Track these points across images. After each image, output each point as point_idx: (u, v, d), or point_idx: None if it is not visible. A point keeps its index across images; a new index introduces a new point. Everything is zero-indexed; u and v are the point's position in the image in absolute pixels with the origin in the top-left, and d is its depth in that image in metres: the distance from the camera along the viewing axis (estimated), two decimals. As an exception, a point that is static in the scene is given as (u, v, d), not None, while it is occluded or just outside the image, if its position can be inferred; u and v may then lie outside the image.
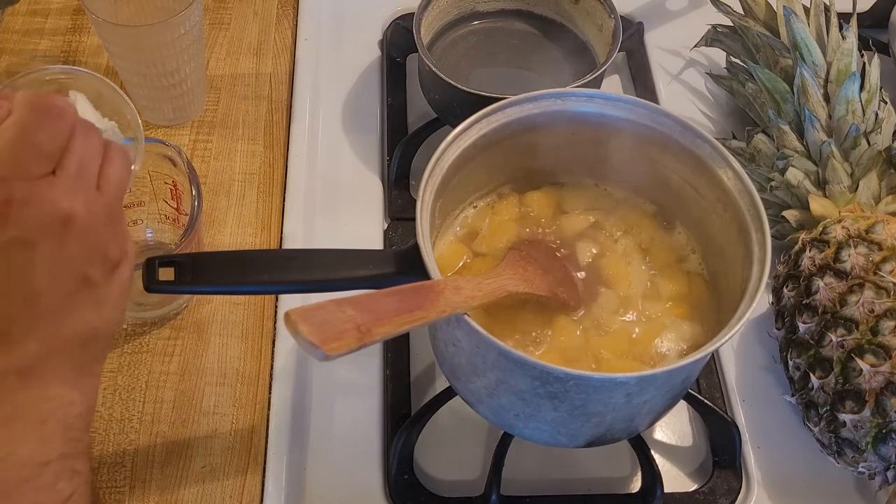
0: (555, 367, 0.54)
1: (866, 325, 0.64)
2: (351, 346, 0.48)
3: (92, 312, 0.49)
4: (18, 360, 0.47)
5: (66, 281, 0.48)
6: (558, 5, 0.90)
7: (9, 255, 0.47)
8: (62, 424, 0.48)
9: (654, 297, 0.67)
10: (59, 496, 0.46)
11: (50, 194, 0.47)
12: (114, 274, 0.51)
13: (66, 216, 0.47)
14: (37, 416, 0.47)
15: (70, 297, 0.48)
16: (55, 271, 0.47)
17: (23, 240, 0.47)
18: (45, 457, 0.46)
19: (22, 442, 0.46)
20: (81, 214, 0.48)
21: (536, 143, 0.68)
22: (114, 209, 0.51)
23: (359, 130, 0.90)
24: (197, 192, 0.70)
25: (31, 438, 0.46)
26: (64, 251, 0.47)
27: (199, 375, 0.73)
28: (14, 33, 0.96)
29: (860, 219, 0.70)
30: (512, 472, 0.68)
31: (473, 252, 0.69)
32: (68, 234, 0.48)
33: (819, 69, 0.79)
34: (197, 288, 0.61)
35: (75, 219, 0.48)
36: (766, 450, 0.72)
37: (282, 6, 1.00)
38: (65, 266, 0.48)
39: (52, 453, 0.47)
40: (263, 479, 0.68)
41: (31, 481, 0.45)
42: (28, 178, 0.47)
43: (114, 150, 0.52)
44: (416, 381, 0.74)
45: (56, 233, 0.47)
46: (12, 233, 0.46)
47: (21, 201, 0.46)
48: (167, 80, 0.83)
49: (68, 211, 0.48)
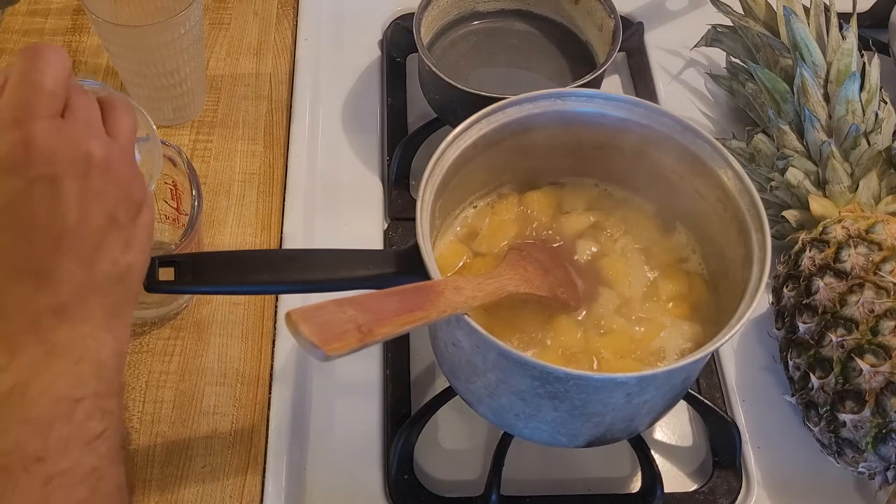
0: (555, 367, 0.54)
1: (866, 325, 0.64)
2: (352, 346, 0.48)
3: (120, 252, 0.50)
4: (53, 298, 0.47)
5: (94, 217, 0.48)
6: (558, 5, 0.90)
7: (36, 192, 0.47)
8: (96, 363, 0.48)
9: (654, 297, 0.67)
10: (90, 433, 0.47)
11: (67, 132, 0.48)
12: (138, 215, 0.51)
13: (86, 153, 0.48)
14: (72, 354, 0.47)
15: (98, 235, 0.49)
16: (82, 207, 0.48)
17: (49, 176, 0.47)
18: (78, 394, 0.47)
19: (57, 379, 0.46)
20: (100, 153, 0.49)
21: (537, 143, 0.68)
22: (129, 153, 0.52)
23: (359, 130, 0.90)
24: (197, 192, 0.70)
25: (65, 375, 0.47)
26: (89, 187, 0.48)
27: (199, 375, 0.73)
28: (14, 33, 0.96)
29: (860, 219, 0.70)
30: (512, 472, 0.68)
31: (473, 252, 0.69)
32: (91, 170, 0.48)
33: (819, 69, 0.79)
34: (197, 288, 0.61)
35: (96, 156, 0.48)
36: (766, 450, 0.72)
37: (282, 6, 1.00)
38: (91, 202, 0.48)
39: (86, 391, 0.47)
40: (263, 479, 0.68)
41: (63, 417, 0.46)
42: (42, 118, 0.48)
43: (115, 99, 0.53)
44: (416, 381, 0.74)
45: (80, 169, 0.48)
46: (37, 171, 0.47)
47: (41, 140, 0.47)
48: (167, 80, 0.83)
49: (88, 148, 0.48)
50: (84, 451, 0.46)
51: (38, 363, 0.46)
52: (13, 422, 0.45)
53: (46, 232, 0.47)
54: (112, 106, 0.53)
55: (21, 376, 0.46)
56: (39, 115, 0.48)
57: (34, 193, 0.47)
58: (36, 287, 0.47)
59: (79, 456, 0.46)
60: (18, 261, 0.47)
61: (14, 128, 0.47)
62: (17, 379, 0.46)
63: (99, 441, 0.47)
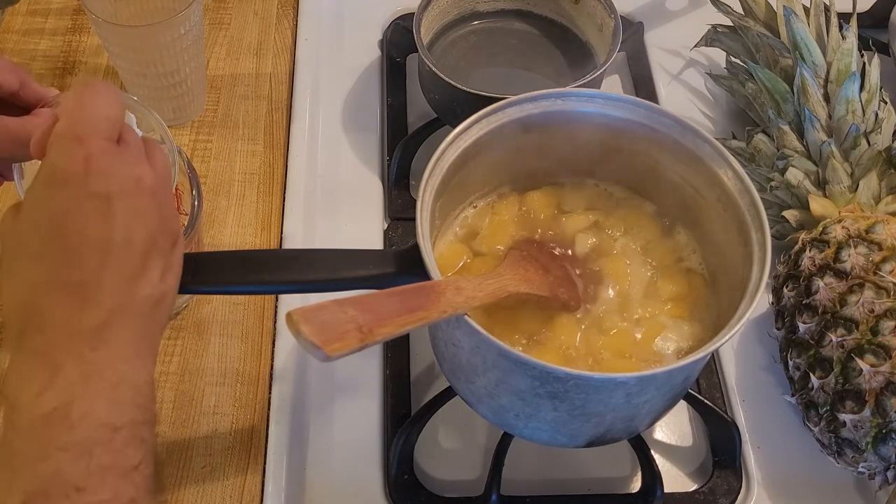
0: (555, 367, 0.54)
1: (866, 325, 0.64)
2: (353, 346, 0.48)
3: (158, 278, 0.51)
4: (93, 316, 0.47)
5: (140, 239, 0.49)
6: (558, 5, 0.90)
7: (89, 207, 0.48)
8: (133, 389, 0.48)
9: (654, 297, 0.67)
10: (129, 462, 0.46)
11: (123, 156, 0.50)
12: (175, 246, 0.53)
13: (138, 177, 0.50)
14: (110, 377, 0.47)
15: (142, 257, 0.49)
16: (130, 227, 0.49)
17: (103, 194, 0.48)
18: (117, 421, 0.46)
19: (97, 402, 0.46)
20: (150, 179, 0.50)
21: (536, 143, 0.68)
22: (168, 187, 0.54)
23: (359, 130, 0.90)
24: (197, 192, 0.70)
25: (105, 400, 0.46)
26: (138, 209, 0.49)
27: (199, 375, 0.73)
28: (14, 33, 0.96)
29: (860, 219, 0.70)
30: (512, 472, 0.68)
31: (473, 252, 0.69)
32: (141, 194, 0.50)
33: (819, 69, 0.79)
34: (197, 288, 0.61)
35: (146, 181, 0.50)
36: (766, 450, 0.72)
37: (282, 6, 1.00)
38: (139, 224, 0.49)
39: (124, 418, 0.47)
40: (263, 479, 0.68)
41: (103, 444, 0.45)
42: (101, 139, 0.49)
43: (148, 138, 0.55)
44: (416, 381, 0.74)
45: (131, 191, 0.49)
46: (94, 187, 0.48)
47: (100, 158, 0.48)
48: (167, 80, 0.83)
49: (140, 173, 0.50)
50: (122, 481, 0.46)
51: (79, 385, 0.46)
52: (54, 447, 0.44)
53: (94, 246, 0.48)
54: (150, 144, 0.54)
55: (63, 398, 0.45)
56: (100, 135, 0.49)
57: (88, 208, 0.48)
58: (77, 303, 0.47)
59: (117, 486, 0.45)
60: (63, 272, 0.47)
61: (75, 143, 0.48)
62: (60, 401, 0.45)
63: (136, 472, 0.46)
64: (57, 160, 0.48)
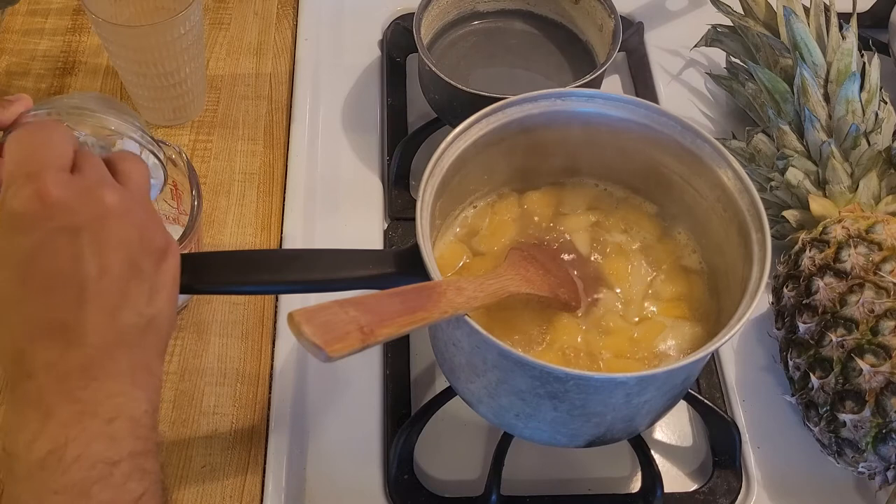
0: (555, 367, 0.54)
1: (866, 325, 0.64)
2: (354, 347, 0.48)
3: (145, 303, 0.49)
4: (79, 354, 0.46)
5: (116, 267, 0.47)
6: (558, 5, 0.90)
7: (55, 244, 0.46)
8: (130, 422, 0.47)
9: (654, 297, 0.67)
10: (130, 496, 0.45)
11: (80, 183, 0.48)
12: (162, 263, 0.50)
13: (101, 201, 0.48)
14: (104, 413, 0.46)
15: (121, 284, 0.48)
16: (103, 256, 0.47)
17: (67, 228, 0.46)
18: (115, 456, 0.45)
19: (92, 441, 0.45)
20: (115, 200, 0.48)
21: (536, 143, 0.68)
22: (145, 200, 0.51)
23: (359, 130, 0.90)
24: (197, 193, 0.70)
25: (100, 437, 0.45)
26: (108, 236, 0.47)
27: (199, 375, 0.73)
28: (14, 33, 0.96)
29: (860, 219, 0.70)
30: (512, 472, 0.68)
31: (473, 252, 0.69)
32: (108, 218, 0.48)
33: (819, 69, 0.79)
34: (197, 288, 0.61)
35: (111, 205, 0.48)
36: (766, 450, 0.72)
37: (282, 6, 1.00)
38: (112, 251, 0.47)
39: (122, 452, 0.46)
40: (263, 479, 0.68)
41: (101, 482, 0.45)
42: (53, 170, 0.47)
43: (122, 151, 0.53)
44: (416, 381, 0.74)
45: (97, 219, 0.47)
46: (55, 222, 0.46)
47: (55, 191, 0.46)
48: (167, 80, 0.83)
49: (102, 197, 0.48)
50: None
51: (71, 426, 0.45)
52: (50, 492, 0.44)
53: (68, 283, 0.46)
54: (121, 158, 0.52)
55: (56, 441, 0.44)
56: (50, 168, 0.47)
57: (54, 245, 0.46)
58: (61, 344, 0.46)
59: None
60: (41, 316, 0.46)
61: (27, 182, 0.47)
62: (53, 444, 0.44)
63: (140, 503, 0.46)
64: (12, 204, 0.46)
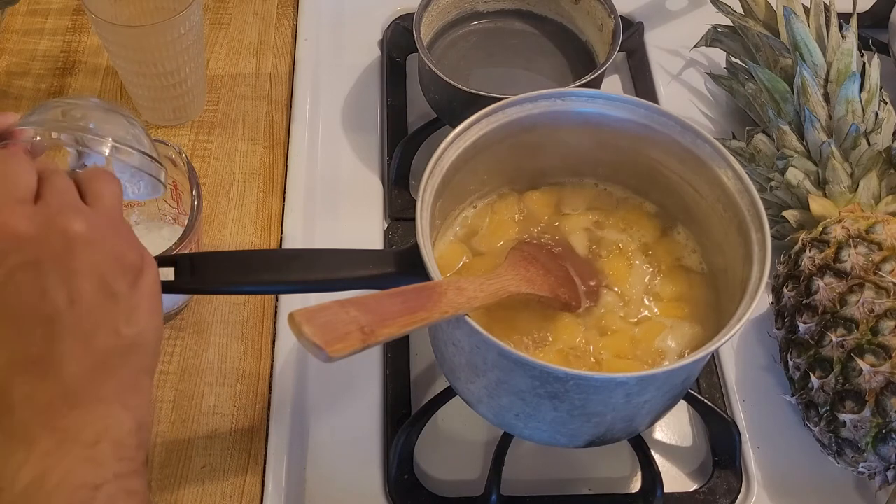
0: (555, 367, 0.54)
1: (866, 325, 0.64)
2: (355, 347, 0.48)
3: (123, 323, 0.48)
4: (58, 385, 0.46)
5: (86, 294, 0.46)
6: (558, 5, 0.90)
7: (19, 280, 0.45)
8: (113, 444, 0.46)
9: (654, 297, 0.67)
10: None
11: (42, 213, 0.46)
12: (138, 281, 0.49)
13: (64, 230, 0.46)
14: (86, 438, 0.46)
15: (94, 311, 0.47)
16: (71, 286, 0.46)
17: (30, 262, 0.45)
18: (97, 479, 0.45)
19: (73, 467, 0.45)
20: (79, 227, 0.47)
21: (536, 143, 0.68)
22: (116, 220, 0.50)
23: (359, 130, 0.90)
24: (197, 193, 0.70)
25: (82, 462, 0.45)
26: (74, 265, 0.46)
27: (199, 375, 0.73)
28: (14, 33, 0.96)
29: (860, 219, 0.70)
30: (512, 472, 0.68)
31: (473, 252, 0.69)
32: (73, 247, 0.46)
33: (819, 69, 0.79)
34: (197, 288, 0.61)
35: (76, 232, 0.47)
36: (766, 450, 0.72)
37: (282, 6, 1.00)
38: (80, 279, 0.46)
39: (106, 475, 0.45)
40: (263, 479, 0.68)
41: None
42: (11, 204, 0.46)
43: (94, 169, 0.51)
44: (416, 381, 0.74)
45: (61, 249, 0.46)
46: (16, 258, 0.45)
47: (15, 225, 0.45)
48: (167, 80, 0.83)
49: (66, 225, 0.46)
50: None
51: (52, 454, 0.45)
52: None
53: (37, 318, 0.46)
54: (91, 177, 0.50)
55: (37, 469, 0.44)
56: (10, 201, 0.46)
57: (18, 281, 0.45)
58: (38, 377, 0.46)
59: None
60: (16, 349, 0.46)
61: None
62: (35, 473, 0.44)
63: None
64: None
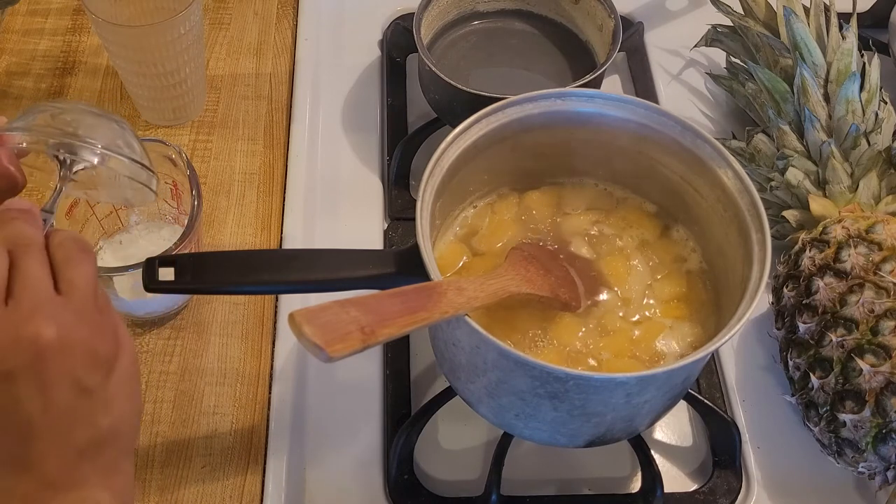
0: (555, 367, 0.54)
1: (866, 325, 0.64)
2: (355, 347, 0.48)
3: (100, 415, 0.48)
4: (38, 478, 0.46)
5: (59, 398, 0.46)
6: (558, 5, 0.90)
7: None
8: None
9: (654, 298, 0.67)
10: None
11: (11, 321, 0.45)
12: (112, 370, 0.48)
13: (34, 339, 0.45)
14: None
15: (69, 412, 0.46)
16: (44, 394, 0.45)
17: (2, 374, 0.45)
18: None
19: None
20: (50, 333, 0.45)
21: (536, 143, 0.68)
22: (87, 310, 0.48)
23: (359, 130, 0.90)
24: (197, 193, 0.70)
25: None
26: (48, 373, 0.45)
27: (199, 375, 0.73)
28: (14, 33, 0.96)
29: (860, 219, 0.70)
30: (512, 472, 0.68)
31: (473, 252, 0.69)
32: (44, 354, 0.45)
33: (819, 69, 0.79)
34: (197, 288, 0.61)
35: (46, 339, 0.45)
36: (766, 450, 0.72)
37: (282, 6, 1.00)
38: (52, 385, 0.46)
39: None
40: (263, 479, 0.68)
41: None
42: None
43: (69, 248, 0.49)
44: (416, 381, 0.74)
45: (31, 358, 0.45)
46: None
47: None
48: (167, 80, 0.83)
49: (35, 334, 0.45)
50: None
51: None
52: None
53: (11, 426, 0.46)
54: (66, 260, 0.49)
55: None
56: None
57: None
58: (18, 471, 0.46)
59: None
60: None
61: None
62: None
63: None
64: None
